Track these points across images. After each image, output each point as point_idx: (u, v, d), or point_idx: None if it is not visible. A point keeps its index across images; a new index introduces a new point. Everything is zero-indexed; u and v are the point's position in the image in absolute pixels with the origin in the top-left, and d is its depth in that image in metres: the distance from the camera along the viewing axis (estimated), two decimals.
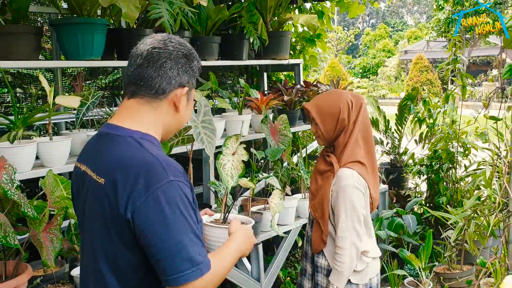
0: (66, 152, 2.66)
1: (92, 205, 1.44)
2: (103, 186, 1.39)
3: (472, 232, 2.61)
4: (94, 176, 1.43)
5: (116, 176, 1.36)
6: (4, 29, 2.79)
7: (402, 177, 5.44)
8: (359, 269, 2.24)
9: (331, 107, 2.28)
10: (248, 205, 3.29)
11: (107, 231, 1.39)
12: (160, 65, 1.45)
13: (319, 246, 2.33)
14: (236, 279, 3.22)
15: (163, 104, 1.48)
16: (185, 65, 1.49)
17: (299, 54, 5.22)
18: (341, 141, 2.29)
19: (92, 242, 1.45)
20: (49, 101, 2.61)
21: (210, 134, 2.93)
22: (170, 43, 1.48)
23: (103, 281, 1.42)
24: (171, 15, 3.11)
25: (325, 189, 2.28)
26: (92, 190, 1.44)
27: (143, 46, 1.48)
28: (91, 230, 1.46)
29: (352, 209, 2.19)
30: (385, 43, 32.84)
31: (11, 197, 2.02)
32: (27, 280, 2.14)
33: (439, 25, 18.52)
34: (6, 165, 2.18)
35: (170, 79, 1.46)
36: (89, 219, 1.46)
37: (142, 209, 1.31)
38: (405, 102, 5.34)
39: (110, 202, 1.36)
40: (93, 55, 3.03)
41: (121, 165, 1.37)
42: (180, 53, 1.48)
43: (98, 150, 1.48)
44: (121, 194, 1.34)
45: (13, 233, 1.96)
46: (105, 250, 1.41)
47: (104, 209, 1.38)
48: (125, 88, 1.51)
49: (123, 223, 1.34)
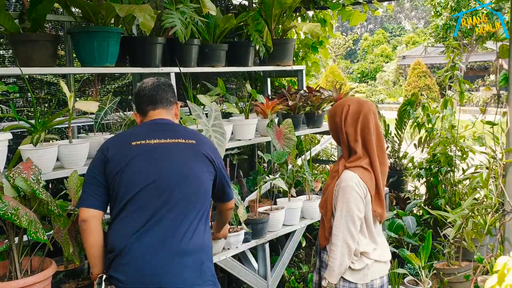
0: (85, 154, 2.80)
1: (184, 160, 2.20)
2: (195, 145, 2.25)
3: (469, 230, 2.75)
4: (183, 140, 2.24)
5: (200, 139, 2.30)
6: (24, 37, 2.93)
7: (402, 180, 5.59)
8: (356, 268, 2.35)
9: (332, 110, 2.48)
10: (255, 206, 3.43)
11: (202, 174, 2.22)
12: (162, 89, 2.35)
13: (323, 242, 2.47)
14: (244, 277, 3.35)
15: (172, 114, 2.38)
16: (173, 90, 2.40)
17: (302, 61, 5.37)
18: (342, 145, 2.45)
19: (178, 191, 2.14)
20: (69, 106, 2.74)
21: (220, 137, 3.08)
22: (160, 80, 2.38)
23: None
24: (183, 24, 3.25)
25: (330, 188, 2.43)
26: (182, 149, 2.22)
27: (145, 85, 2.36)
28: (176, 181, 2.15)
29: (347, 210, 2.31)
30: (383, 48, 33.05)
31: (39, 196, 2.15)
32: (52, 275, 2.27)
33: (437, 31, 18.71)
34: (33, 166, 2.32)
35: (170, 98, 2.37)
36: (173, 176, 2.15)
37: (217, 159, 2.30)
38: (404, 107, 5.49)
39: (206, 153, 2.24)
40: (108, 62, 3.17)
41: (197, 134, 2.36)
42: (166, 84, 2.39)
43: (167, 130, 2.26)
44: (209, 149, 2.28)
45: (42, 229, 2.09)
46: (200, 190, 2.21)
47: (199, 156, 2.23)
48: (145, 104, 2.33)
49: (214, 164, 2.26)
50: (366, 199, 2.36)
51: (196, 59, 3.77)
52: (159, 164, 2.16)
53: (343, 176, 2.36)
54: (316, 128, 4.39)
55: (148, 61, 3.43)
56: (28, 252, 2.30)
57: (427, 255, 3.60)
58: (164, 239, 2.07)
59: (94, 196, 2.13)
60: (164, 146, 2.20)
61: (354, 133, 2.38)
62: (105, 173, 2.15)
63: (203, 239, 2.17)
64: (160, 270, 2.03)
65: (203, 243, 2.16)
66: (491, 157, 2.70)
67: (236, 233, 3.17)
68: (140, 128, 2.31)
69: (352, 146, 2.40)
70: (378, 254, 2.40)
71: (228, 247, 3.19)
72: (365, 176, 2.36)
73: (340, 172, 2.40)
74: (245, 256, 3.54)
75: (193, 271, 2.09)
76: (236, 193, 3.17)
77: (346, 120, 2.40)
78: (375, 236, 2.41)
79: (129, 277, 2.03)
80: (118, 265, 2.05)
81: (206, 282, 2.13)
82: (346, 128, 2.40)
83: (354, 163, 2.38)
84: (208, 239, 2.22)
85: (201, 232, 2.16)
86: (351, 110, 2.39)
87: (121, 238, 2.07)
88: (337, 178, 2.40)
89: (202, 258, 2.14)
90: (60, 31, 4.27)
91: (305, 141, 5.49)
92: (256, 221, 3.33)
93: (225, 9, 5.03)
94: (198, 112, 3.08)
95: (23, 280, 2.12)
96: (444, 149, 4.55)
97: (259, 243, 3.39)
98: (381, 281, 2.41)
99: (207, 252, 2.19)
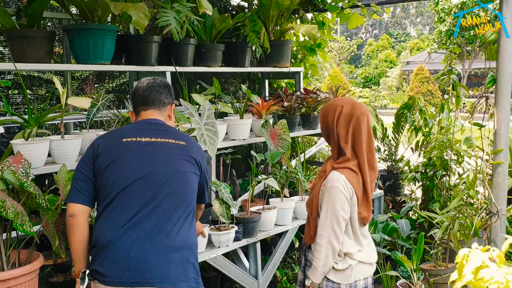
0: (77, 150, 2.82)
1: (173, 159, 2.22)
2: (185, 146, 2.28)
3: (456, 231, 2.75)
4: (173, 141, 2.27)
5: (188, 140, 2.32)
6: (20, 33, 2.96)
7: (398, 184, 5.58)
8: (340, 268, 2.35)
9: (323, 110, 2.47)
10: (247, 205, 3.44)
11: (189, 174, 2.24)
12: (156, 91, 2.36)
13: (308, 241, 2.48)
14: (235, 276, 3.36)
15: (166, 113, 2.39)
16: (169, 91, 2.41)
17: (300, 63, 5.39)
18: (332, 146, 2.44)
19: (164, 187, 2.16)
20: (61, 102, 2.77)
21: (212, 136, 3.09)
22: (155, 81, 2.39)
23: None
24: (178, 23, 3.27)
25: (317, 188, 2.43)
26: (171, 149, 2.24)
27: (140, 85, 2.38)
28: (162, 179, 2.17)
29: (332, 210, 2.31)
30: (387, 54, 33.07)
31: (27, 189, 2.17)
32: (39, 267, 2.28)
33: (440, 37, 18.73)
34: (22, 159, 2.33)
35: (164, 99, 2.38)
36: (162, 172, 2.18)
37: (202, 161, 2.32)
38: (402, 111, 5.49)
39: (191, 155, 2.27)
40: (103, 59, 3.20)
41: (186, 136, 2.35)
42: (162, 84, 2.40)
43: (158, 129, 2.29)
44: (196, 151, 2.31)
45: (29, 222, 2.11)
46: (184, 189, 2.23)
47: (188, 158, 2.25)
48: (138, 104, 2.36)
49: (198, 166, 2.29)
50: (352, 201, 2.35)
51: (192, 58, 3.80)
52: (148, 160, 2.19)
53: (330, 177, 2.36)
54: (311, 130, 4.40)
55: (144, 59, 3.45)
56: (17, 246, 2.32)
57: (419, 257, 3.60)
58: (151, 234, 2.08)
59: (82, 191, 2.15)
60: (154, 144, 2.23)
61: (345, 135, 2.37)
62: (94, 168, 2.17)
63: (189, 237, 2.18)
64: (145, 265, 2.04)
65: (188, 240, 2.17)
66: (478, 157, 2.71)
67: (226, 232, 3.19)
68: (132, 126, 2.35)
69: (342, 147, 2.38)
70: (363, 256, 2.40)
71: (219, 245, 3.20)
72: (352, 177, 2.35)
73: (327, 172, 2.40)
74: (237, 256, 3.55)
75: (178, 266, 2.10)
76: (227, 191, 3.19)
77: (338, 121, 2.38)
78: (360, 238, 2.41)
79: (114, 271, 2.04)
80: (104, 259, 2.06)
81: (190, 279, 2.13)
82: (338, 129, 2.38)
83: (342, 164, 2.37)
84: (194, 237, 2.24)
85: (187, 229, 2.18)
86: (344, 111, 2.38)
87: (107, 232, 2.08)
88: (324, 178, 2.40)
89: (187, 255, 2.15)
90: (60, 29, 4.31)
91: (302, 143, 5.51)
92: (247, 220, 3.34)
93: (224, 10, 5.06)
94: (191, 111, 3.10)
95: (9, 272, 2.13)
96: (440, 153, 4.55)
97: (250, 242, 3.40)
98: (365, 282, 2.41)
99: (193, 250, 2.20)
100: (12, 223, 2.09)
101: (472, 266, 0.90)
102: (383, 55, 33.04)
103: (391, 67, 31.37)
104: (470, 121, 2.70)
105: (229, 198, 3.13)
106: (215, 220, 3.30)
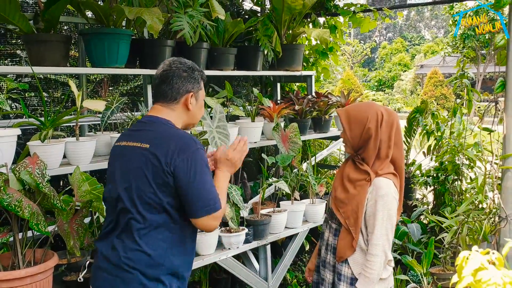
0: (91, 152, 2.88)
1: (136, 163, 1.98)
2: (148, 149, 1.98)
3: (464, 235, 2.75)
4: (139, 144, 2.01)
5: (160, 142, 1.97)
6: (37, 37, 3.04)
7: (410, 188, 5.57)
8: (384, 276, 2.29)
9: (359, 115, 2.34)
10: (258, 208, 3.48)
11: (147, 180, 1.96)
12: (169, 81, 2.10)
13: (345, 254, 2.33)
14: (245, 278, 3.40)
15: (178, 107, 2.13)
16: (187, 77, 2.12)
17: (312, 66, 5.41)
18: (371, 152, 2.32)
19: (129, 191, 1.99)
20: (77, 105, 2.83)
21: (224, 138, 3.14)
22: (174, 64, 2.13)
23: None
24: (191, 28, 3.33)
25: (360, 197, 2.30)
26: (134, 153, 2.00)
27: (158, 71, 2.15)
28: (128, 182, 1.99)
29: (388, 218, 2.24)
30: (401, 57, 32.92)
31: (43, 189, 2.23)
32: (53, 266, 2.34)
33: (454, 40, 18.61)
34: (38, 161, 2.40)
35: (178, 89, 2.10)
36: (128, 174, 2.00)
37: (180, 165, 1.93)
38: (414, 115, 5.49)
39: (156, 158, 1.94)
40: (118, 63, 3.26)
41: (164, 136, 2.01)
42: (181, 70, 2.12)
43: (139, 130, 2.08)
44: (165, 153, 1.94)
45: (44, 221, 2.17)
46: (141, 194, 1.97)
47: (147, 165, 1.96)
48: (153, 97, 2.18)
49: (165, 173, 1.93)
50: (399, 206, 2.33)
51: (205, 62, 3.85)
52: (117, 170, 2.07)
53: (380, 184, 2.28)
54: (323, 133, 4.42)
55: (157, 63, 3.43)
56: (32, 245, 2.38)
57: (429, 261, 3.60)
58: (108, 253, 2.01)
59: None
60: (126, 149, 2.06)
61: (388, 140, 2.32)
62: None
63: (144, 254, 1.97)
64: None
65: (143, 257, 1.97)
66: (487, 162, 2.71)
67: (237, 234, 3.22)
68: (132, 127, 2.20)
69: (384, 153, 2.32)
70: (393, 262, 2.38)
71: (229, 247, 3.24)
72: (396, 182, 2.32)
73: (371, 179, 2.30)
74: (247, 258, 3.59)
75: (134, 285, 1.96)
76: (238, 194, 3.23)
77: (381, 126, 2.31)
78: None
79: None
80: None
81: None
82: (382, 135, 2.31)
83: (386, 170, 2.32)
84: (156, 255, 1.98)
85: (144, 247, 1.96)
86: (385, 116, 2.33)
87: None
88: (369, 186, 2.29)
89: (147, 272, 1.97)
90: (75, 32, 4.39)
91: (313, 146, 5.53)
92: (258, 223, 3.37)
93: (236, 14, 5.11)
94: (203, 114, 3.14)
95: (25, 270, 2.19)
96: (451, 158, 4.55)
97: (260, 244, 3.43)
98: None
99: (155, 267, 1.98)
100: (28, 223, 2.16)
101: (471, 268, 0.92)
102: (397, 58, 32.90)
103: (405, 70, 31.21)
104: (480, 126, 2.70)
105: (240, 201, 3.17)
106: (225, 222, 3.34)
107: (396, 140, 2.36)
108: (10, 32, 3.80)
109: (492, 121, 2.50)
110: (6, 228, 2.28)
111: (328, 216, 2.52)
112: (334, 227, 2.42)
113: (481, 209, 2.90)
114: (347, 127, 2.37)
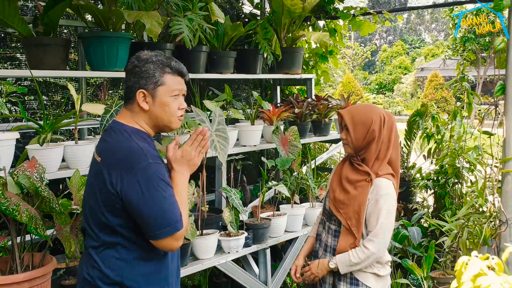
0: (90, 155, 2.86)
1: (91, 179, 1.86)
2: (99, 163, 1.80)
3: (465, 239, 2.74)
4: (96, 155, 1.84)
5: (108, 157, 1.78)
6: (37, 41, 3.03)
7: (410, 191, 5.56)
8: (382, 274, 2.33)
9: (364, 117, 2.36)
10: (257, 212, 3.47)
11: (96, 199, 1.79)
12: (125, 79, 1.89)
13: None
14: (244, 282, 3.38)
15: (135, 107, 1.88)
16: (139, 72, 1.84)
17: (312, 69, 5.41)
18: (372, 153, 2.34)
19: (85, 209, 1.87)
20: (76, 108, 2.82)
21: (223, 142, 3.13)
22: (131, 59, 1.89)
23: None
24: (190, 31, 3.32)
25: (362, 197, 2.32)
26: (92, 166, 1.88)
27: None
28: (85, 199, 1.88)
29: (388, 218, 2.28)
30: (402, 60, 32.94)
31: (41, 193, 2.22)
32: (52, 270, 2.33)
33: (454, 43, 18.62)
34: (37, 164, 2.39)
35: (130, 88, 1.86)
36: (87, 190, 1.87)
37: (127, 187, 1.71)
38: (414, 118, 5.48)
39: (103, 176, 1.76)
40: (117, 67, 3.26)
41: (113, 149, 1.80)
42: (132, 65, 1.87)
43: (103, 139, 1.90)
44: (111, 171, 1.74)
45: (42, 225, 2.16)
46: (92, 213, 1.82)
47: (98, 181, 1.78)
48: None
49: (110, 194, 1.74)
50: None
51: (204, 65, 3.85)
52: (86, 183, 1.94)
53: (381, 184, 2.31)
54: (322, 136, 4.42)
55: None
56: (31, 249, 2.37)
57: (430, 265, 3.58)
58: (80, 264, 1.94)
59: None
60: (92, 161, 1.92)
61: (388, 142, 2.36)
62: None
63: (101, 273, 1.81)
64: None
65: (101, 276, 1.81)
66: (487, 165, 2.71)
67: (236, 237, 3.21)
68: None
69: (383, 154, 2.35)
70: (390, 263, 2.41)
71: (229, 251, 3.23)
72: (395, 183, 2.37)
73: (372, 179, 2.32)
74: (247, 262, 3.58)
75: None
76: (238, 197, 3.22)
77: (384, 128, 2.35)
78: None
79: None
80: None
81: None
82: (384, 137, 2.35)
83: (385, 171, 2.35)
84: (114, 275, 1.80)
85: (101, 265, 1.81)
86: (386, 119, 2.37)
87: None
88: (370, 186, 2.32)
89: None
90: (75, 36, 4.40)
91: (313, 149, 5.52)
92: (257, 226, 3.36)
93: (236, 18, 5.11)
94: (202, 117, 3.14)
95: (23, 275, 2.19)
96: (452, 161, 4.54)
97: (260, 248, 3.42)
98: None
99: (112, 286, 1.81)
100: (26, 227, 2.15)
101: (470, 273, 0.91)
102: (397, 61, 32.92)
103: (405, 73, 31.22)
104: (479, 129, 2.70)
105: (239, 204, 3.16)
106: (225, 225, 3.33)
107: (395, 142, 2.40)
108: (9, 35, 3.80)
109: (492, 124, 2.49)
110: (4, 232, 2.27)
111: (325, 218, 2.51)
112: (333, 228, 2.43)
113: (481, 213, 2.89)
114: (351, 128, 2.37)
